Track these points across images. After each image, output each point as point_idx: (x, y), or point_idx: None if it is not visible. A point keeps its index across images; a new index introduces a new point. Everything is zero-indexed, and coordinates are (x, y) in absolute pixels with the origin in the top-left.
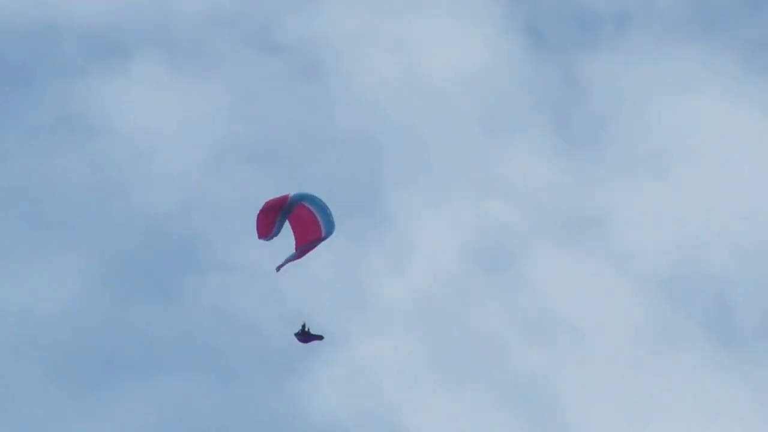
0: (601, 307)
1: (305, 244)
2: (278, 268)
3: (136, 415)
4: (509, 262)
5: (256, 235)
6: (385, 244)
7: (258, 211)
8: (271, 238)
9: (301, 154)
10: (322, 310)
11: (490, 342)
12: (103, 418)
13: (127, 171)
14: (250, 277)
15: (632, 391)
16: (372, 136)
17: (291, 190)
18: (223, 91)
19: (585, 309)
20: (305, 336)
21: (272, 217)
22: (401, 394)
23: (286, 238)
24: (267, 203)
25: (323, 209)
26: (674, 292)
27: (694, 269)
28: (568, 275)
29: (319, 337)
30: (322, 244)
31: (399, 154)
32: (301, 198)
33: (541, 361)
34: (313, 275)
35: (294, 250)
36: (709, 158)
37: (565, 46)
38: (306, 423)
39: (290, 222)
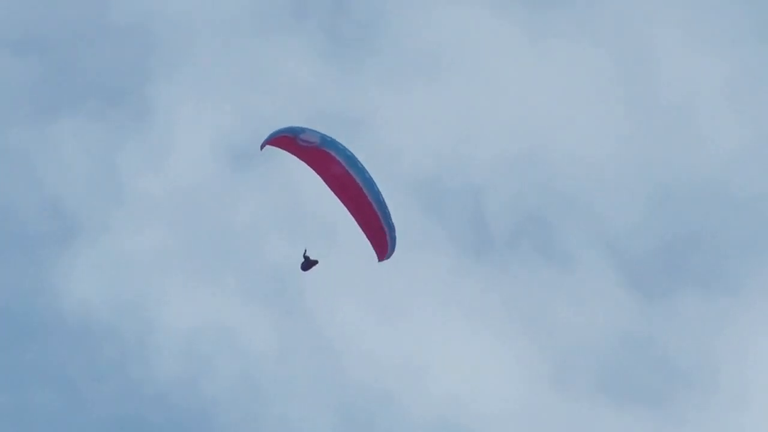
0: None
1: (379, 236)
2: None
3: None
4: (268, 159)
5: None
6: (143, 137)
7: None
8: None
9: (70, 42)
10: (78, 200)
11: (245, 236)
12: None
13: None
14: (7, 162)
15: (381, 292)
16: (143, 27)
17: (61, 80)
18: None
19: (339, 205)
20: (308, 263)
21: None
22: (155, 286)
23: None
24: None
25: (356, 168)
26: (430, 197)
27: (452, 175)
28: None
29: (315, 262)
30: None
31: (167, 47)
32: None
33: (295, 256)
34: (70, 165)
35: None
36: (473, 68)
37: None
38: (57, 310)
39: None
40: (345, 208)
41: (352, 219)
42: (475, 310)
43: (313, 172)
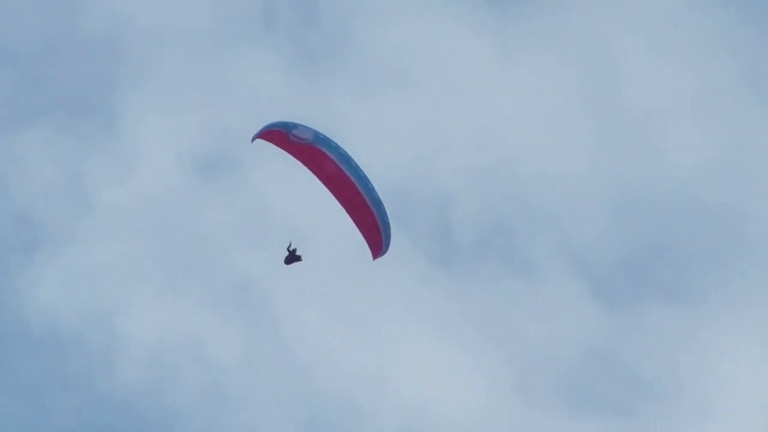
0: (321, 215)
1: (375, 237)
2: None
3: None
4: (234, 170)
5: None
6: (110, 148)
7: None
8: (253, 140)
9: (38, 54)
10: (45, 210)
11: (211, 246)
12: None
13: None
14: None
15: (347, 301)
16: (110, 39)
17: (28, 91)
18: None
19: (305, 216)
20: (291, 256)
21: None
22: (122, 296)
23: None
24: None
25: (349, 167)
26: (396, 207)
27: (418, 186)
28: (292, 183)
29: (299, 258)
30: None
31: (134, 59)
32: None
33: (260, 266)
34: (37, 175)
35: (379, 246)
36: (441, 80)
37: None
38: (24, 319)
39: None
40: (322, 215)
41: (322, 228)
42: (441, 320)
43: (306, 169)
